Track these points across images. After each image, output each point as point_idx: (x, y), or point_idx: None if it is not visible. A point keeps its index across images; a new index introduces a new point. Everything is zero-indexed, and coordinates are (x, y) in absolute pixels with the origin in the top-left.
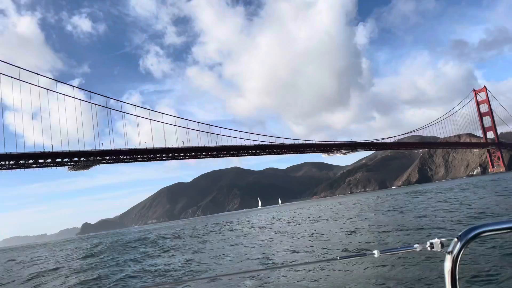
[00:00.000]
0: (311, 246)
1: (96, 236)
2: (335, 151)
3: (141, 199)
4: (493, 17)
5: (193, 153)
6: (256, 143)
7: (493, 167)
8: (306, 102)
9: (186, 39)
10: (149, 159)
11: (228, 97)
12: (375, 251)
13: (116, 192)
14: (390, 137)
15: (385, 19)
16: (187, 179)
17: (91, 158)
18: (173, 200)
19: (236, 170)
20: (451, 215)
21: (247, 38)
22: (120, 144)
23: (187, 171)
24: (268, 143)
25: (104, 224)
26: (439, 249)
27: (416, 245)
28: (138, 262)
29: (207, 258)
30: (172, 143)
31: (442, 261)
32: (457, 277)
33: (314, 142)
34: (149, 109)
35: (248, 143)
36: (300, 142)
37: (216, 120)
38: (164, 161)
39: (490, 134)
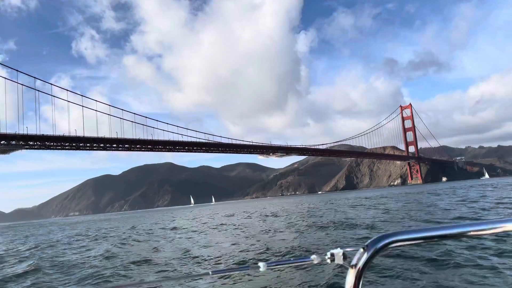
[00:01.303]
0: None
1: None
2: (271, 154)
3: (64, 189)
4: (422, 40)
5: (127, 145)
6: (193, 139)
7: (411, 179)
8: (245, 103)
9: (126, 26)
10: (78, 148)
11: (166, 90)
12: (261, 264)
13: (37, 180)
14: (322, 144)
15: (326, 30)
16: (116, 171)
17: (13, 142)
18: (99, 193)
19: (169, 166)
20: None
21: (190, 32)
22: (45, 130)
23: (117, 163)
24: (206, 141)
25: (20, 214)
26: (341, 262)
27: (313, 256)
28: None
29: None
30: (104, 133)
31: (345, 274)
32: None
33: (251, 143)
34: (81, 95)
35: (185, 139)
36: (238, 142)
37: (151, 113)
38: (92, 151)
39: (412, 148)
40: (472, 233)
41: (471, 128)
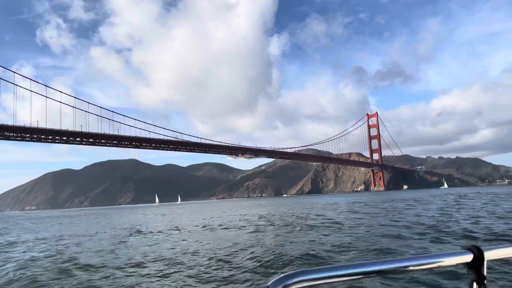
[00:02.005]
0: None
1: None
2: (240, 155)
3: (21, 182)
4: (390, 51)
5: (91, 140)
6: (161, 137)
7: (374, 185)
8: (215, 102)
9: (95, 17)
10: (39, 140)
11: (134, 85)
12: None
13: None
14: (291, 148)
15: (298, 35)
16: (78, 166)
17: None
18: (59, 187)
19: (134, 163)
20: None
21: (162, 28)
22: (4, 120)
23: (78, 157)
24: (174, 139)
25: None
26: None
27: None
28: None
29: None
30: (68, 125)
31: None
32: None
33: (221, 143)
34: (45, 85)
35: (152, 136)
36: (207, 142)
37: (117, 107)
38: (54, 143)
39: (376, 156)
40: (399, 269)
41: (432, 139)
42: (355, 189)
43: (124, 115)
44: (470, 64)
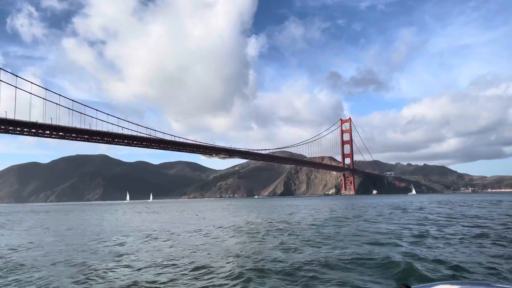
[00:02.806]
0: None
1: None
2: (214, 155)
3: None
4: (365, 58)
5: (61, 133)
6: (134, 133)
7: (345, 189)
8: (190, 100)
9: (68, 7)
10: (7, 131)
11: (107, 79)
12: None
13: None
14: (265, 149)
15: (276, 37)
16: (45, 159)
17: None
18: (24, 181)
19: (103, 158)
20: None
21: (138, 22)
22: None
23: (45, 150)
24: (148, 136)
25: None
26: None
27: None
28: None
29: None
30: (37, 117)
31: None
32: None
33: (195, 142)
34: (16, 75)
35: (125, 132)
36: (181, 140)
37: (89, 101)
38: (22, 135)
39: (347, 160)
40: None
41: (402, 146)
42: (327, 192)
43: (97, 110)
44: (440, 75)
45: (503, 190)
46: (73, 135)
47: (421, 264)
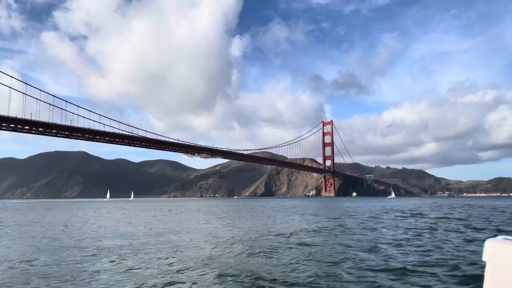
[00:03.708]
0: None
1: None
2: (196, 154)
3: None
4: (347, 61)
5: (41, 129)
6: (116, 131)
7: (325, 191)
8: (172, 99)
9: (49, 0)
10: None
11: (87, 74)
12: None
13: None
14: (247, 150)
15: (260, 38)
16: (21, 155)
17: None
18: None
19: (82, 155)
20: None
21: (121, 18)
22: None
23: (22, 146)
24: (130, 134)
25: None
26: None
27: None
28: None
29: None
30: (16, 112)
31: None
32: None
33: (178, 141)
34: None
35: (106, 129)
36: (164, 138)
37: (69, 96)
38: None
39: (328, 162)
40: None
41: (381, 149)
42: (307, 193)
43: (78, 106)
44: (420, 80)
45: (478, 194)
46: (53, 131)
47: None
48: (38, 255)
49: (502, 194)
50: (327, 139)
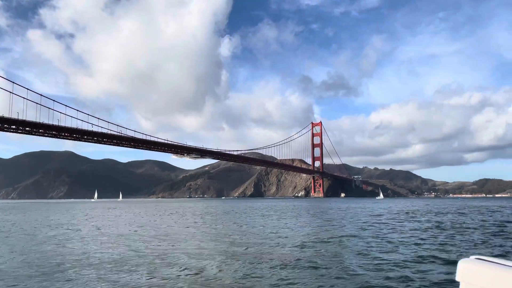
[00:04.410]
0: None
1: None
2: (186, 154)
3: None
4: (336, 62)
5: (28, 128)
6: (105, 130)
7: (314, 192)
8: (160, 98)
9: None
10: None
11: (74, 73)
12: None
13: None
14: (236, 150)
15: (250, 39)
16: (6, 154)
17: None
18: None
19: (69, 155)
20: None
21: (109, 17)
22: None
23: (6, 145)
24: (118, 134)
25: None
26: None
27: None
28: None
29: None
30: (2, 111)
31: None
32: None
33: (167, 142)
34: None
35: (95, 129)
36: (153, 139)
37: (56, 95)
38: None
39: (317, 163)
40: None
41: (369, 150)
42: (296, 194)
43: (66, 105)
44: (408, 82)
45: (464, 195)
46: (41, 130)
47: None
48: None
49: (487, 195)
50: (316, 140)
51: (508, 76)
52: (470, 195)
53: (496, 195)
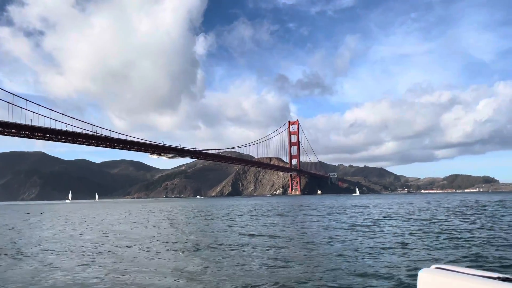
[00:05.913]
0: None
1: None
2: (163, 154)
3: None
4: (311, 61)
5: (0, 129)
6: (79, 130)
7: (292, 189)
8: (134, 97)
9: None
10: None
11: (44, 71)
12: None
13: None
14: (213, 149)
15: (225, 37)
16: None
17: None
18: None
19: (40, 155)
20: None
21: (80, 14)
22: None
23: None
24: (94, 133)
25: None
26: None
27: None
28: None
29: None
30: None
31: None
32: None
33: (144, 141)
34: None
35: (68, 128)
36: (129, 138)
37: (25, 94)
38: None
39: (294, 161)
40: None
41: (344, 148)
42: (274, 192)
43: (39, 105)
44: (381, 81)
45: (435, 191)
46: (13, 130)
47: None
48: None
49: (457, 191)
50: (293, 138)
51: (476, 75)
52: (440, 191)
53: (465, 190)
